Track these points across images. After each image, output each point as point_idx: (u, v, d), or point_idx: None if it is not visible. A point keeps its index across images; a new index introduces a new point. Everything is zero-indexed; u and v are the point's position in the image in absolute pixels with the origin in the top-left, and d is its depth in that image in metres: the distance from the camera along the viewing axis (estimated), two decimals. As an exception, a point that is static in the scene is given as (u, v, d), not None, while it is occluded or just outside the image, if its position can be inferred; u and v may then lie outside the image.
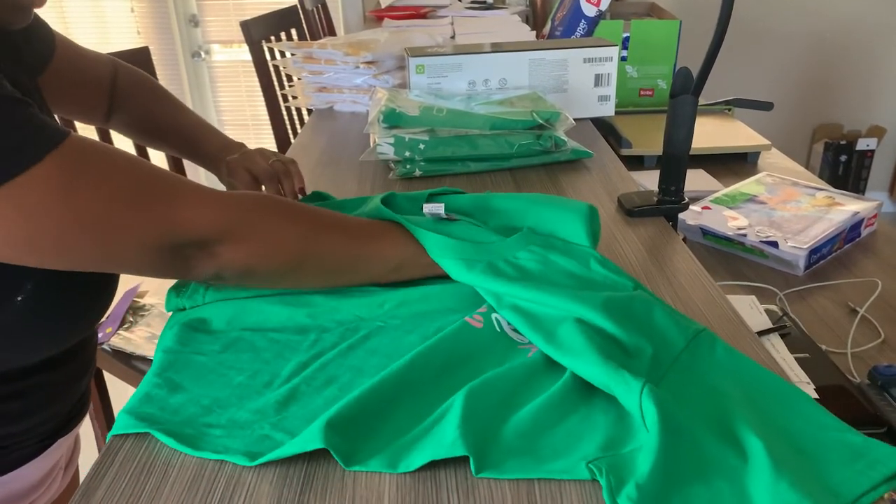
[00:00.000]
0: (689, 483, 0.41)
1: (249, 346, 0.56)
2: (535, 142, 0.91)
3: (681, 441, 0.42)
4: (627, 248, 0.70)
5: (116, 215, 0.50)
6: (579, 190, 0.85)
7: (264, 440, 0.46)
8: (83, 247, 0.50)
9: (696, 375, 0.50)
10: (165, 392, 0.51)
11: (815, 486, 0.40)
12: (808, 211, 1.05)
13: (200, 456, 0.45)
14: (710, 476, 0.41)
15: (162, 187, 0.52)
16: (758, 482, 0.40)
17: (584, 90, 1.07)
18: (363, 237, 0.61)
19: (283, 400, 0.50)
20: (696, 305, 0.60)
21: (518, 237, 0.62)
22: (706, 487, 0.41)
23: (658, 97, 1.61)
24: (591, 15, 1.54)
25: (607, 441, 0.44)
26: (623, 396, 0.45)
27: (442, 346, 0.53)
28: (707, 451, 0.43)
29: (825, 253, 0.99)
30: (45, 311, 0.56)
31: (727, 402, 0.47)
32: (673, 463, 0.41)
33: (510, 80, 1.05)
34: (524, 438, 0.45)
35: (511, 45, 1.09)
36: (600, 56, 1.05)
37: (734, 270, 0.99)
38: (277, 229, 0.56)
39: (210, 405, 0.50)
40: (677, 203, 0.76)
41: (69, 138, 0.49)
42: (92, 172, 0.49)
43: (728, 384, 0.49)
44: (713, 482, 0.41)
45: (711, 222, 1.04)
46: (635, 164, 1.32)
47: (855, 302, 0.90)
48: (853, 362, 0.79)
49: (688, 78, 0.71)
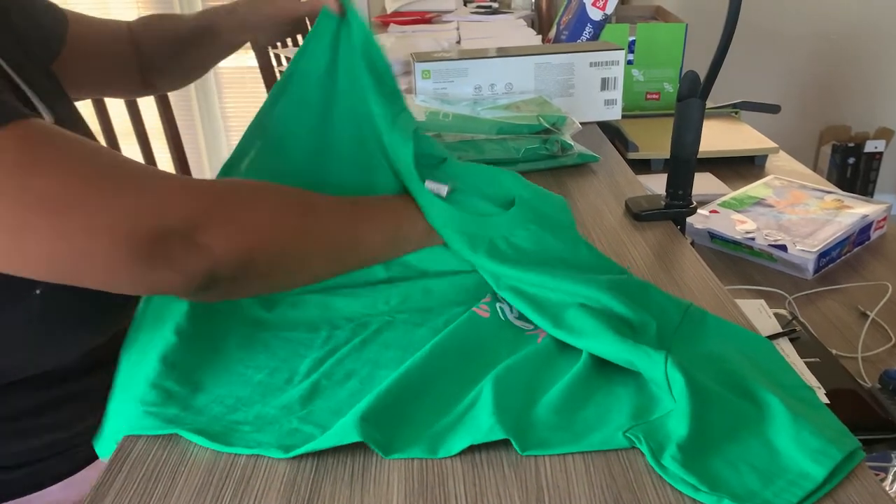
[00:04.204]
0: (722, 440, 0.44)
1: (262, 345, 0.56)
2: (541, 146, 0.91)
3: (708, 403, 0.45)
4: (635, 253, 0.70)
5: (80, 197, 0.44)
6: (586, 194, 0.85)
7: (295, 433, 0.47)
8: (42, 237, 0.44)
9: (698, 344, 0.53)
10: (188, 391, 0.51)
11: (830, 431, 0.43)
12: (817, 214, 1.05)
13: (233, 452, 0.46)
14: (739, 432, 0.44)
15: (131, 171, 0.48)
16: (782, 433, 0.43)
17: (590, 94, 1.07)
18: (354, 205, 0.59)
19: (306, 395, 0.50)
20: (702, 307, 0.60)
21: (516, 213, 0.63)
22: (737, 443, 0.44)
23: (664, 101, 1.60)
24: (596, 19, 1.53)
25: (635, 411, 0.47)
26: (647, 369, 0.48)
27: (457, 337, 0.54)
28: (732, 409, 0.46)
29: (834, 256, 0.99)
30: (68, 305, 0.56)
31: (732, 365, 0.50)
32: (706, 423, 0.44)
33: (516, 85, 1.05)
34: (558, 415, 0.47)
35: (517, 50, 1.09)
36: (606, 60, 1.05)
37: (743, 274, 0.98)
38: (265, 208, 0.53)
39: (234, 404, 0.50)
40: (685, 207, 0.75)
41: (31, 120, 0.46)
42: (53, 152, 0.45)
43: (727, 348, 0.53)
44: (743, 437, 0.44)
45: (719, 226, 1.03)
46: (642, 167, 1.31)
47: (865, 305, 0.90)
48: (864, 366, 0.79)
49: (695, 81, 0.71)
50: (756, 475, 0.41)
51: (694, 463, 0.42)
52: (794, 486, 0.40)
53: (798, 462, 0.42)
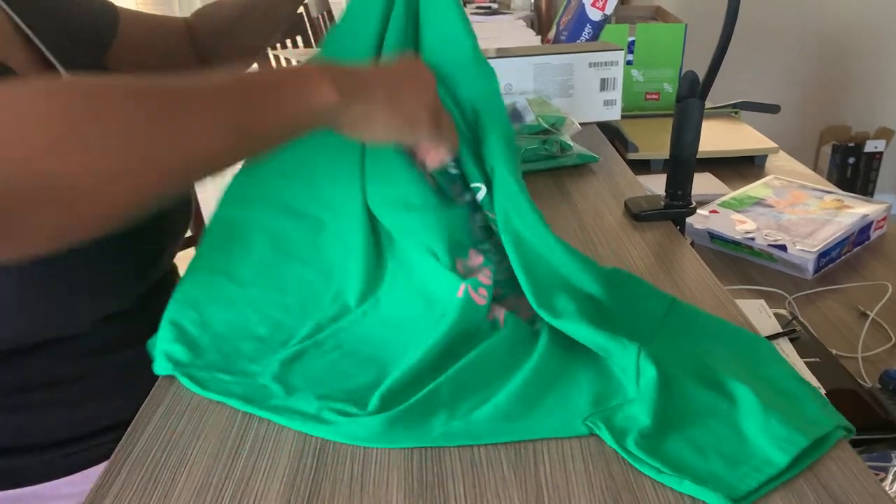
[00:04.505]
0: (689, 427, 0.45)
1: (279, 279, 0.60)
2: (540, 146, 0.91)
3: (675, 392, 0.47)
4: (635, 253, 0.70)
5: None
6: (586, 194, 0.85)
7: (262, 389, 0.51)
8: None
9: (680, 336, 0.55)
10: (198, 331, 0.56)
11: (801, 421, 0.45)
12: (817, 214, 1.05)
13: (206, 396, 0.51)
14: (708, 420, 0.46)
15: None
16: (750, 421, 0.45)
17: (589, 94, 1.07)
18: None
19: (290, 357, 0.53)
20: (704, 310, 0.60)
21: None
22: (705, 430, 0.45)
23: (664, 101, 1.60)
24: (596, 19, 1.53)
25: (595, 397, 0.48)
26: (620, 357, 0.49)
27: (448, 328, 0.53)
28: (700, 399, 0.47)
29: (834, 256, 0.99)
30: (59, 265, 0.56)
31: (710, 358, 0.52)
32: (673, 412, 0.46)
33: (516, 85, 1.05)
34: (520, 404, 0.48)
35: (516, 50, 1.09)
36: (606, 60, 1.05)
37: (742, 274, 0.98)
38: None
39: (229, 354, 0.54)
40: (685, 207, 0.75)
41: None
42: None
43: (709, 342, 0.54)
44: (711, 425, 0.45)
45: (719, 226, 1.03)
46: (642, 167, 1.31)
47: (865, 305, 0.90)
48: (864, 366, 0.79)
49: (694, 81, 0.71)
50: (722, 461, 0.43)
51: (658, 447, 0.43)
52: (757, 471, 0.42)
53: (763, 449, 0.43)
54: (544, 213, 0.59)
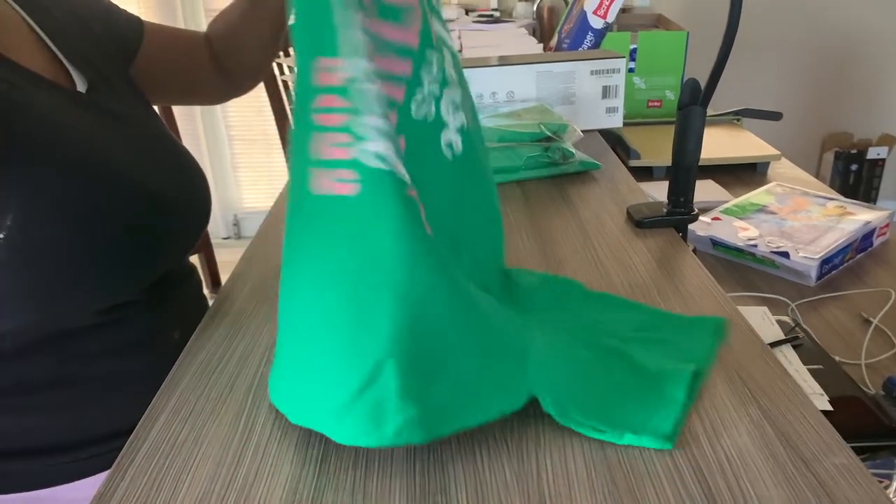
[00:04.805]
0: (612, 393, 0.49)
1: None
2: (543, 154, 0.91)
3: (605, 364, 0.52)
4: (637, 260, 0.70)
5: None
6: (588, 201, 0.85)
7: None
8: None
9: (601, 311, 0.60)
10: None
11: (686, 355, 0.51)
12: (819, 221, 1.05)
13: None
14: (616, 377, 0.50)
15: None
16: (653, 373, 0.50)
17: (591, 102, 1.07)
18: None
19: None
20: (704, 314, 0.60)
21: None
22: (624, 391, 0.49)
23: (666, 108, 1.61)
24: (598, 27, 1.54)
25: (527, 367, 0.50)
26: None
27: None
28: (606, 361, 0.52)
29: (837, 263, 0.99)
30: (41, 253, 0.55)
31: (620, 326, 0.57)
32: (599, 381, 0.50)
33: (518, 93, 1.06)
34: (461, 390, 0.46)
35: (518, 58, 1.09)
36: (608, 68, 1.05)
37: (745, 281, 0.98)
38: None
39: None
40: (687, 214, 0.75)
41: None
42: None
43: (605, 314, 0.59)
44: (619, 381, 0.50)
45: (721, 233, 1.03)
46: (644, 174, 1.32)
47: (868, 312, 0.89)
48: (867, 373, 0.79)
49: (696, 89, 0.71)
50: (644, 411, 0.47)
51: (593, 411, 0.47)
52: (669, 409, 0.47)
53: (665, 390, 0.48)
54: (547, 220, 0.59)
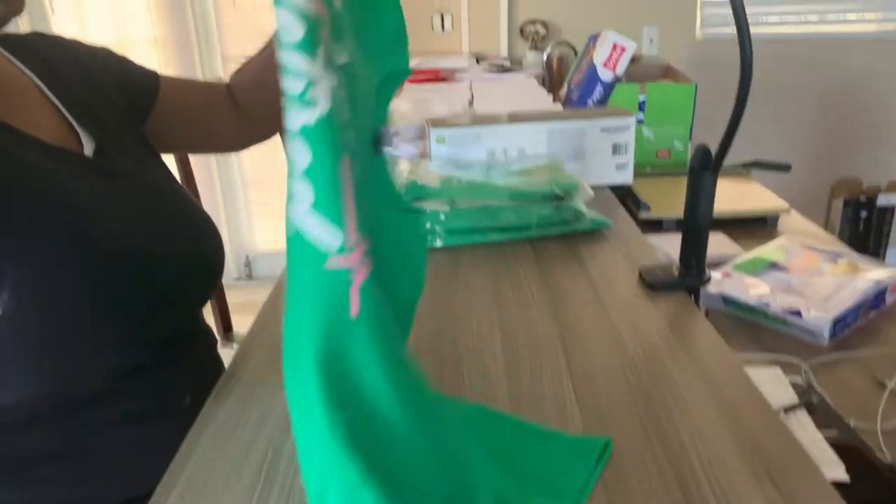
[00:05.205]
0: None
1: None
2: (554, 212, 0.92)
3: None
4: (649, 324, 0.70)
5: None
6: (599, 260, 0.85)
7: None
8: None
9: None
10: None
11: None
12: (831, 278, 1.04)
13: None
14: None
15: None
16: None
17: (601, 158, 1.08)
18: None
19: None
20: (717, 384, 0.60)
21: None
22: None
23: (675, 158, 1.62)
24: (607, 80, 1.56)
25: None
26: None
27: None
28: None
29: (850, 322, 0.98)
30: (32, 334, 0.55)
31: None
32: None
33: (529, 150, 1.07)
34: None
35: (529, 116, 1.11)
36: (617, 126, 1.07)
37: (757, 339, 0.98)
38: None
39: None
40: (699, 277, 0.76)
41: None
42: None
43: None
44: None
45: (733, 290, 1.03)
46: (654, 227, 1.32)
47: (882, 373, 0.89)
48: (884, 439, 0.78)
49: (706, 155, 0.72)
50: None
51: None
52: None
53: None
54: (559, 279, 0.57)
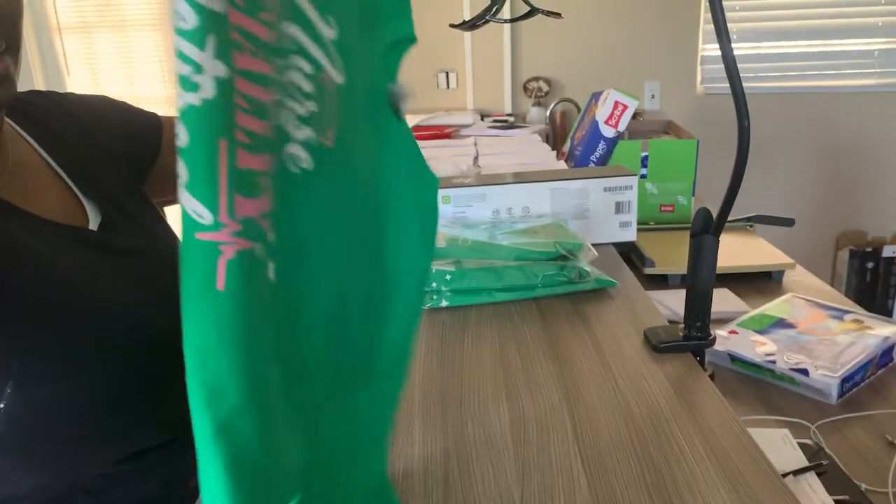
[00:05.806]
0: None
1: None
2: (559, 272, 0.93)
3: None
4: (654, 387, 0.70)
5: None
6: (604, 321, 0.86)
7: None
8: None
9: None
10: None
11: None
12: (838, 336, 1.04)
13: None
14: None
15: None
16: None
17: (605, 217, 1.10)
18: None
19: None
20: (723, 449, 0.60)
21: None
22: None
23: (678, 213, 1.64)
24: (609, 136, 1.59)
25: None
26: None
27: None
28: None
29: (858, 380, 0.98)
30: (36, 424, 0.54)
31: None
32: None
33: (533, 209, 1.09)
34: None
35: (533, 175, 1.13)
36: (620, 185, 1.08)
37: (764, 398, 0.97)
38: None
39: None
40: (704, 339, 0.76)
41: None
42: None
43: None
44: None
45: (739, 348, 1.03)
46: (659, 282, 1.33)
47: (893, 433, 0.88)
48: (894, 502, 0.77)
49: (707, 218, 0.73)
50: None
51: None
52: None
53: None
54: (564, 340, 0.57)
